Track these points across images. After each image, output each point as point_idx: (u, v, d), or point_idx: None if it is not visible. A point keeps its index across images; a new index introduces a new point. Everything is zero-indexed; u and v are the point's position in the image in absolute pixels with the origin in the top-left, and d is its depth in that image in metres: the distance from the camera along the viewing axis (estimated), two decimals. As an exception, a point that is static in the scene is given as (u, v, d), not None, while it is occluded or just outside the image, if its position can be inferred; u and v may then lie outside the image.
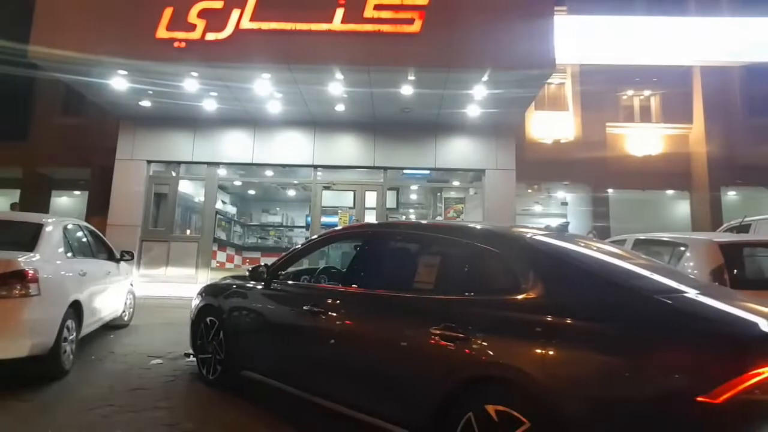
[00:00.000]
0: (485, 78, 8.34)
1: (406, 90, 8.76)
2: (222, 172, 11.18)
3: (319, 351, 3.15)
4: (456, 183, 12.54)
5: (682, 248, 4.76)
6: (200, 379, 4.45)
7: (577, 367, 2.05)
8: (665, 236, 5.24)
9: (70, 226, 5.16)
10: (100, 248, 5.94)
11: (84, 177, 15.02)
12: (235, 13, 7.90)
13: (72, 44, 7.87)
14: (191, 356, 5.29)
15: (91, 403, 3.76)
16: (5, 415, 3.48)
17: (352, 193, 12.74)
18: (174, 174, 11.12)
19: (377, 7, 7.89)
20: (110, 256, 6.13)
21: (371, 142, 10.72)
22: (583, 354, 2.06)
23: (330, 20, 7.89)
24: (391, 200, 11.98)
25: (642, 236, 5.57)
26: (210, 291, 4.62)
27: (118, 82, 8.76)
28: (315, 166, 10.87)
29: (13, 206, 10.67)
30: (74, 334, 4.60)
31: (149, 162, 10.83)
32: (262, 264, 4.00)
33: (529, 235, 2.65)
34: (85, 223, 5.85)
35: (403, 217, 13.95)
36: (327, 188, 11.05)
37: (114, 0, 8.19)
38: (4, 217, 4.93)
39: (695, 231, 11.71)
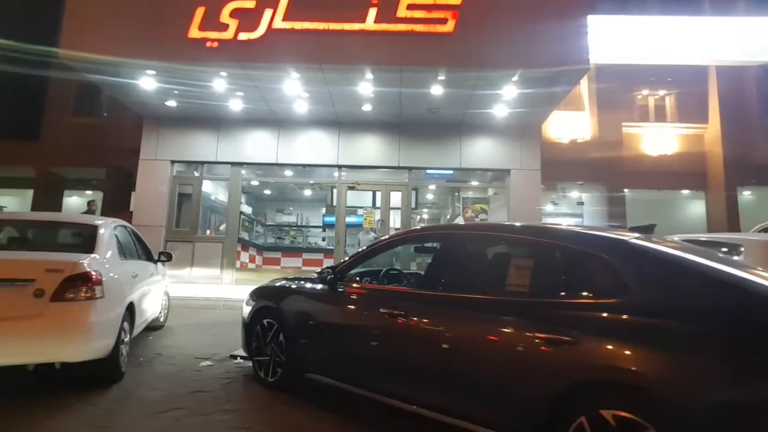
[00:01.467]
0: (516, 78, 8.32)
1: (436, 90, 8.73)
2: (246, 172, 11.13)
3: (401, 354, 3.12)
4: (478, 183, 12.53)
5: (736, 249, 4.72)
6: (257, 381, 4.42)
7: (707, 372, 2.02)
8: (713, 237, 5.21)
9: (118, 228, 5.14)
10: (141, 249, 5.91)
11: (97, 177, 15.02)
12: (268, 13, 7.86)
13: (103, 45, 7.83)
14: (238, 358, 5.31)
15: (157, 407, 3.73)
16: (76, 419, 3.45)
17: (371, 193, 12.75)
18: (198, 174, 11.09)
19: (410, 7, 7.85)
20: (149, 257, 6.10)
21: (396, 142, 10.69)
22: (712, 358, 2.03)
23: (363, 20, 7.85)
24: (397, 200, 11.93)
25: (683, 237, 5.53)
26: (267, 293, 4.59)
27: (147, 82, 8.73)
28: (339, 166, 10.83)
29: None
30: (128, 336, 4.58)
31: (173, 162, 10.80)
32: (327, 266, 3.98)
33: (631, 239, 2.62)
34: (129, 224, 5.83)
35: (418, 217, 13.91)
36: (352, 188, 11.01)
37: (145, 0, 8.14)
38: (56, 218, 4.89)
39: (711, 231, 11.68)
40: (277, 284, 4.67)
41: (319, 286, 3.95)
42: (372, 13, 7.85)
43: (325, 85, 8.66)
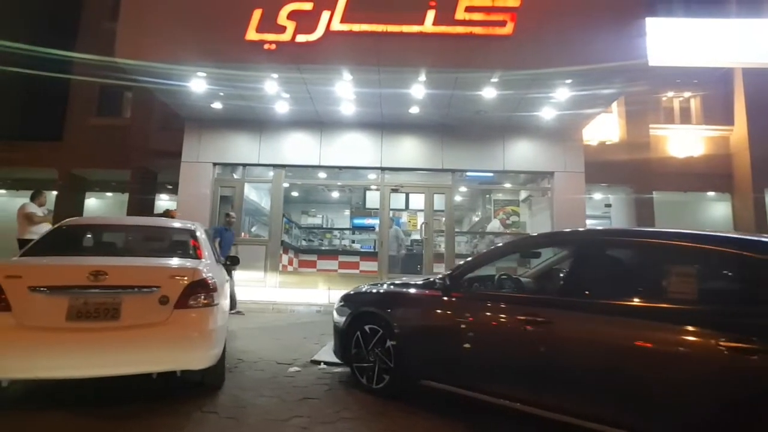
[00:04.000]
0: (570, 80, 8.30)
1: (489, 93, 8.68)
2: (288, 174, 11.06)
3: (548, 362, 3.07)
4: (515, 185, 12.53)
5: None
6: (358, 387, 4.38)
7: None
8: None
9: (204, 231, 5.10)
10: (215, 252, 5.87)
11: (118, 179, 14.97)
12: (326, 15, 7.82)
13: (159, 49, 7.82)
14: (322, 363, 5.29)
15: (277, 414, 3.69)
16: (205, 428, 3.41)
17: (404, 195, 12.72)
18: (240, 176, 11.04)
19: (468, 9, 7.80)
20: (218, 260, 6.06)
21: (439, 144, 10.64)
22: None
23: (421, 22, 7.80)
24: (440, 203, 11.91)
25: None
26: (367, 300, 4.56)
27: (198, 85, 8.68)
28: (382, 169, 10.76)
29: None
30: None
31: (215, 164, 10.75)
32: (443, 273, 3.94)
33: None
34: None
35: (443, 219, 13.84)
36: (395, 191, 10.96)
37: (200, 3, 8.08)
38: (153, 222, 4.84)
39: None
40: (376, 290, 4.64)
41: (435, 292, 3.90)
42: (430, 15, 7.80)
43: (378, 87, 8.60)
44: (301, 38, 7.81)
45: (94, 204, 17.49)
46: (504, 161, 10.66)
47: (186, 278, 3.61)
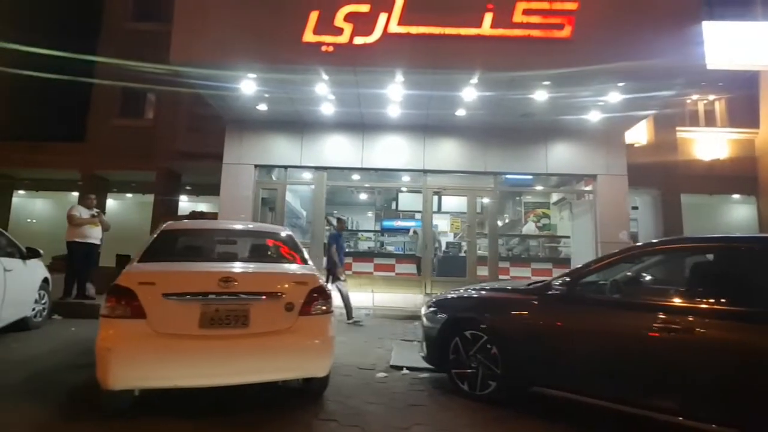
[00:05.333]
0: (623, 83, 8.27)
1: (540, 95, 8.64)
2: (330, 176, 11.01)
3: (689, 370, 3.05)
4: (545, 187, 12.51)
5: None
6: (457, 393, 4.35)
7: None
8: None
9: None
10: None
11: (139, 179, 14.90)
12: (383, 17, 7.78)
13: (214, 52, 7.80)
14: (404, 369, 5.26)
15: (397, 422, 3.66)
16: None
17: (436, 197, 12.69)
18: (278, 178, 11.01)
19: (526, 12, 7.77)
20: None
21: (483, 146, 10.59)
22: None
23: (479, 25, 7.76)
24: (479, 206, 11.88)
25: None
26: (465, 305, 4.55)
27: (248, 87, 8.66)
28: (425, 171, 10.72)
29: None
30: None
31: (256, 166, 10.71)
32: (557, 277, 3.90)
33: None
34: None
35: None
36: (437, 193, 10.93)
37: (255, 5, 8.04)
38: (250, 227, 4.80)
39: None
40: (476, 295, 4.60)
41: (548, 297, 3.87)
42: (488, 18, 7.76)
43: (429, 89, 8.56)
44: (358, 40, 7.78)
45: (113, 205, 17.42)
46: (547, 164, 10.61)
47: (308, 285, 3.59)
